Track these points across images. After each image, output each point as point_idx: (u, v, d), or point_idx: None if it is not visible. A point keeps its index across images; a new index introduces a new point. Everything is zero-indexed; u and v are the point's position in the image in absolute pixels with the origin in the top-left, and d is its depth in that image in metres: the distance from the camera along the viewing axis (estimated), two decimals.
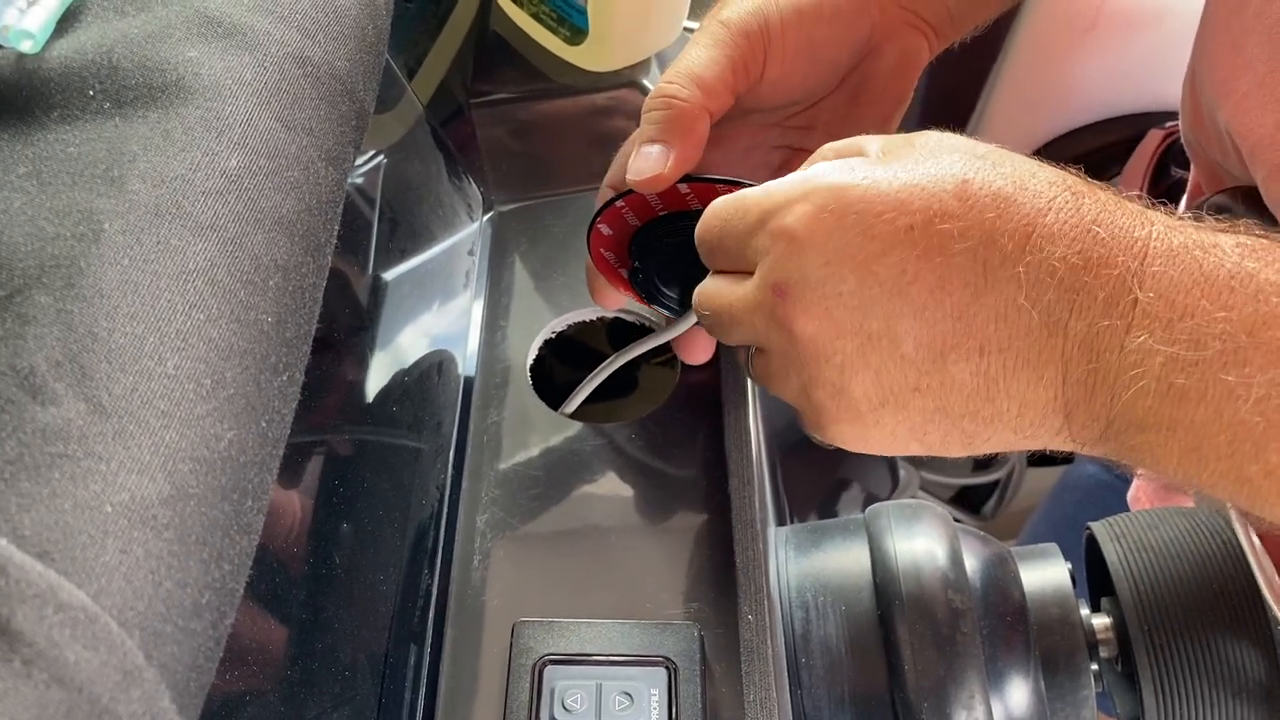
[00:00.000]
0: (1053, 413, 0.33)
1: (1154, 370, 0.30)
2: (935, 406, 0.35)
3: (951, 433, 0.35)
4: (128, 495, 0.23)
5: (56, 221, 0.27)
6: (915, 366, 0.34)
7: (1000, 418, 0.34)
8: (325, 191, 0.33)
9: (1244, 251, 0.31)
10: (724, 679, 0.43)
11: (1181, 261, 0.31)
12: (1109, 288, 0.31)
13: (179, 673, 0.23)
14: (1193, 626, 0.46)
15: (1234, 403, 0.29)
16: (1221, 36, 0.42)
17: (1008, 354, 0.33)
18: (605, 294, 0.51)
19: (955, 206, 0.33)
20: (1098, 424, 0.33)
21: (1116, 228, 0.32)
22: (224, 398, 0.26)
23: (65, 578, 0.21)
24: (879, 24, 0.46)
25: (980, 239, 0.32)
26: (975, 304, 0.32)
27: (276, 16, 0.33)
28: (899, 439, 0.36)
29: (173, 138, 0.29)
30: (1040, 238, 0.32)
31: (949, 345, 0.33)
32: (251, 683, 0.34)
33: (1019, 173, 0.33)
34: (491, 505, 0.49)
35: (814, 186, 0.35)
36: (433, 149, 0.59)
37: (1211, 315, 0.30)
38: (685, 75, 0.43)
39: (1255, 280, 0.30)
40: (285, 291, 0.30)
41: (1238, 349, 0.29)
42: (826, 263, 0.34)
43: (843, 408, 0.36)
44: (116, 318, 0.25)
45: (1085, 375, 0.32)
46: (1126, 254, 0.31)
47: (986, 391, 0.34)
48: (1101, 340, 0.31)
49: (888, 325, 0.34)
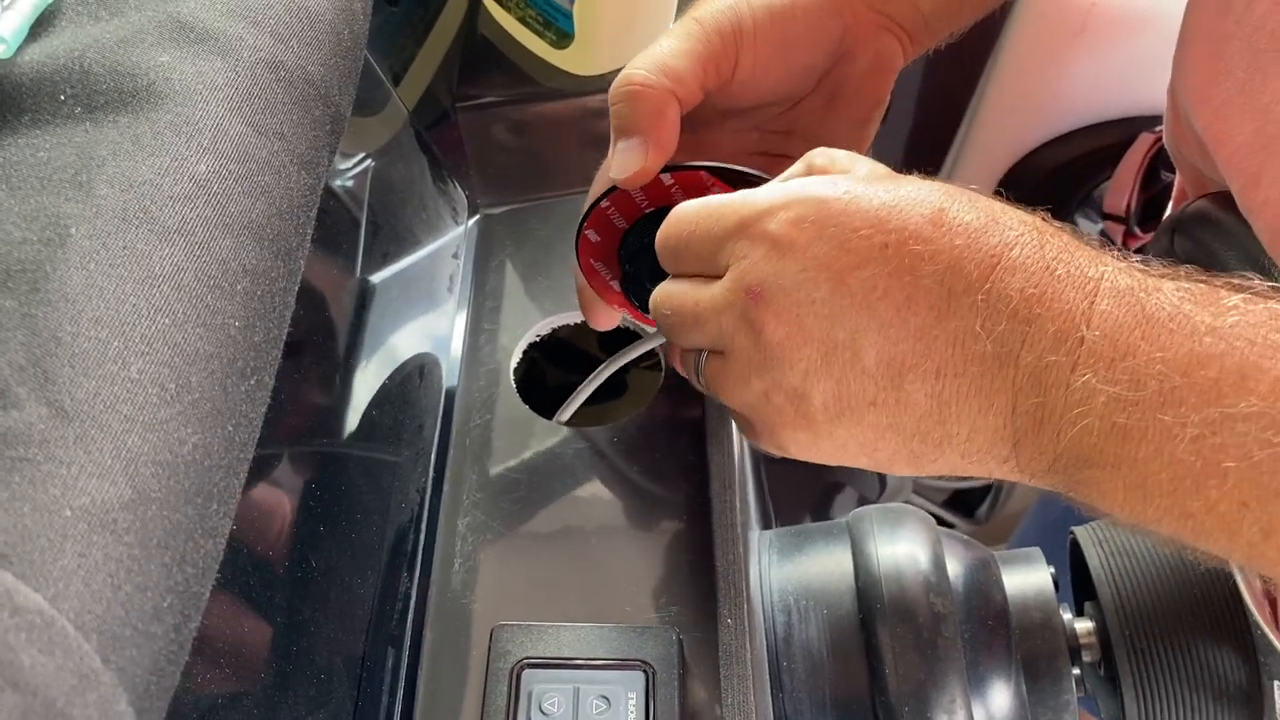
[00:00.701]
0: (1000, 441, 0.34)
1: (1097, 409, 0.31)
2: (889, 423, 0.35)
3: (900, 451, 0.36)
4: (88, 499, 0.23)
5: (24, 226, 0.27)
6: (874, 380, 0.35)
7: (949, 441, 0.35)
8: (298, 196, 0.33)
9: (1183, 295, 0.32)
10: (703, 683, 0.43)
11: (1127, 302, 0.32)
12: (1059, 322, 0.32)
13: (138, 676, 0.23)
14: (1174, 631, 0.46)
15: (1172, 441, 0.30)
16: (1201, 44, 0.42)
17: (962, 379, 0.34)
18: (597, 311, 0.51)
19: (929, 231, 0.34)
20: (1045, 457, 0.33)
21: (1073, 266, 0.33)
22: (188, 402, 0.26)
23: (22, 581, 0.21)
24: (851, 26, 0.46)
25: (948, 265, 0.33)
26: (937, 326, 0.34)
27: (249, 21, 0.33)
28: (848, 451, 0.37)
29: (142, 143, 0.29)
30: (1003, 269, 0.33)
31: (908, 364, 0.34)
32: (227, 685, 0.34)
33: (991, 210, 0.35)
34: (473, 509, 0.49)
35: (798, 196, 0.36)
36: (417, 152, 0.59)
37: (1150, 355, 0.31)
38: (650, 62, 0.43)
39: (1191, 322, 0.31)
40: (254, 296, 0.30)
41: (1173, 389, 0.30)
42: (803, 269, 0.35)
43: (800, 414, 0.37)
44: (81, 322, 0.25)
45: (1033, 408, 0.33)
46: (1078, 292, 0.32)
47: (939, 414, 0.35)
48: (1049, 375, 0.32)
49: (853, 337, 0.35)
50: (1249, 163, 0.40)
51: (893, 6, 0.46)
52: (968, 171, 1.01)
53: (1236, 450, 0.29)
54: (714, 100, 0.46)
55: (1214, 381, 0.30)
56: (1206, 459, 0.30)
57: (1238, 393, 0.29)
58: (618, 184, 0.44)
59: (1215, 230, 0.44)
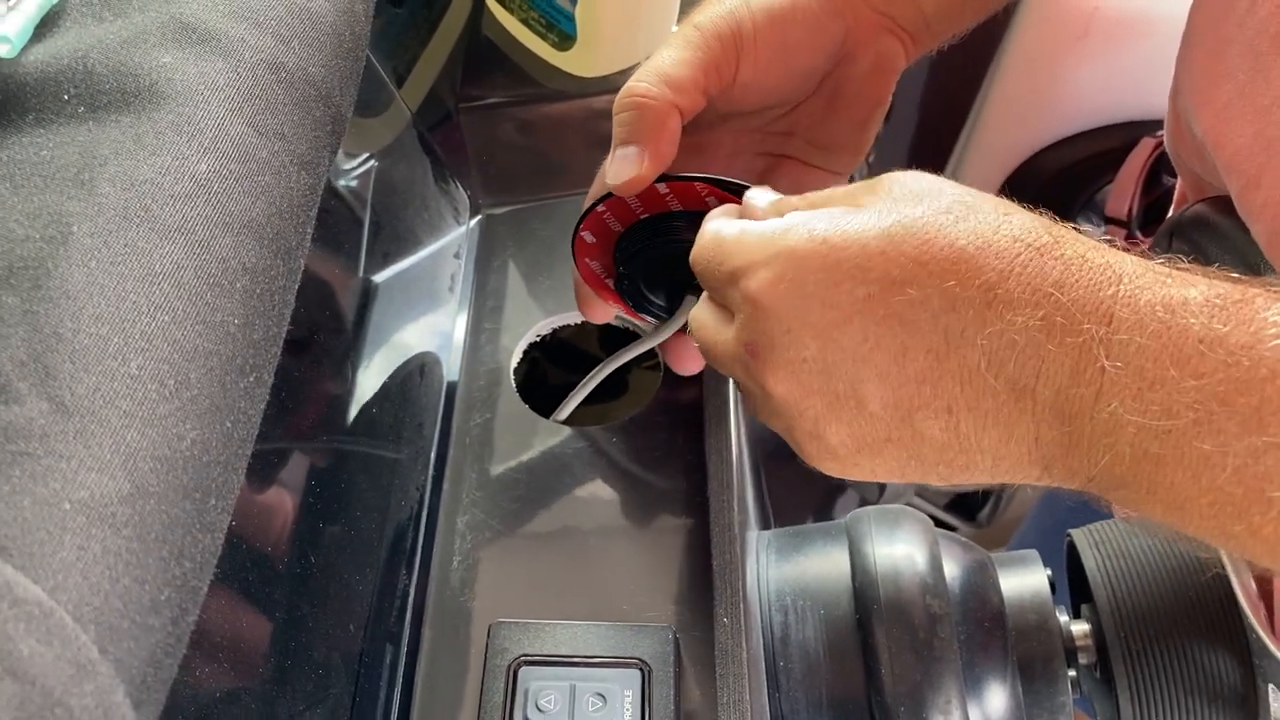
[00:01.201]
0: (1029, 464, 0.33)
1: (1127, 437, 0.30)
2: (909, 455, 0.35)
3: (929, 474, 0.36)
4: (87, 493, 0.23)
5: (26, 224, 0.27)
6: (884, 423, 0.34)
7: (974, 466, 0.34)
8: (298, 196, 0.33)
9: (1213, 311, 0.29)
10: (699, 681, 0.43)
11: (1149, 327, 0.30)
12: (1074, 355, 0.30)
13: (135, 668, 0.23)
14: (1169, 633, 0.46)
15: (1211, 470, 0.29)
16: (1203, 46, 0.42)
17: (976, 413, 0.32)
18: (592, 306, 0.52)
19: (915, 273, 0.32)
20: (1078, 478, 0.32)
21: (1081, 289, 0.31)
22: (187, 398, 0.27)
23: (21, 573, 0.22)
24: (853, 28, 0.46)
25: (940, 307, 0.32)
26: (939, 368, 0.32)
27: (251, 23, 0.34)
28: (879, 475, 0.37)
29: (144, 142, 0.30)
30: (1001, 304, 0.31)
31: (915, 406, 0.33)
32: (226, 680, 0.35)
33: (983, 227, 0.32)
34: (472, 507, 0.49)
35: (776, 252, 0.35)
36: (420, 153, 0.60)
37: (1181, 384, 0.29)
38: (653, 74, 0.43)
39: (1225, 344, 0.29)
40: (253, 294, 0.30)
41: (1211, 417, 0.28)
42: (788, 330, 0.34)
43: (822, 451, 0.36)
44: (82, 319, 0.26)
45: (1059, 437, 0.32)
46: (1091, 319, 0.30)
47: (959, 445, 0.34)
48: (1071, 406, 0.31)
49: (853, 388, 0.34)
50: (1249, 165, 0.40)
51: (894, 7, 0.46)
52: (971, 174, 1.01)
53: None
54: (715, 103, 0.46)
55: (1255, 409, 0.28)
56: (1249, 487, 0.28)
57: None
58: (612, 191, 0.44)
59: (1212, 234, 0.44)
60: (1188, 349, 0.29)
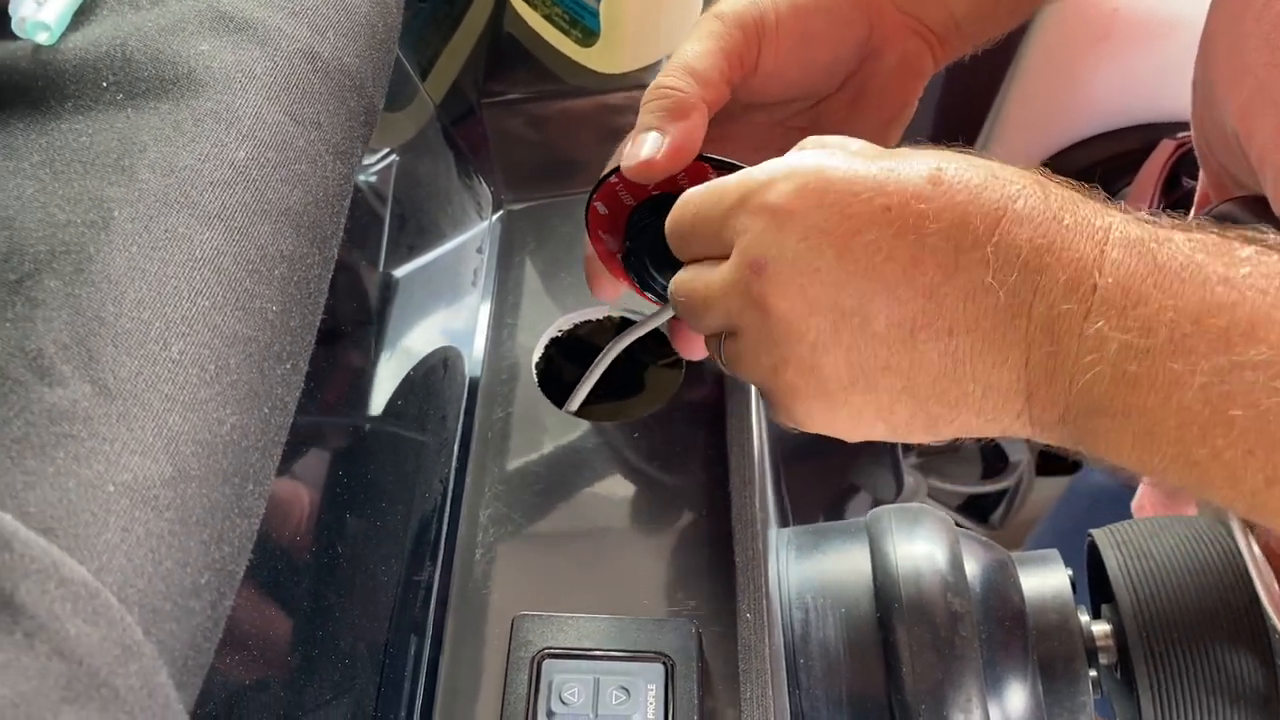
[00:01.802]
0: (1015, 395, 0.34)
1: (1109, 356, 0.31)
2: (903, 386, 0.36)
3: (917, 414, 0.36)
4: (130, 476, 0.24)
5: (68, 209, 0.27)
6: (886, 344, 0.35)
7: (965, 400, 0.35)
8: (332, 185, 0.33)
9: (1195, 245, 0.32)
10: (721, 677, 0.43)
11: (1138, 251, 0.32)
12: (1070, 270, 0.32)
13: (177, 650, 0.23)
14: (1191, 634, 0.46)
15: (1180, 389, 0.30)
16: (1222, 42, 0.43)
17: (975, 335, 0.34)
18: (602, 282, 0.52)
19: (930, 190, 0.34)
20: (1056, 408, 0.34)
21: (1079, 217, 0.33)
22: (227, 383, 0.27)
23: (68, 554, 0.22)
24: (877, 25, 0.46)
25: (953, 221, 0.33)
26: (946, 284, 0.34)
27: (288, 12, 0.34)
28: (864, 419, 0.37)
29: (183, 129, 0.30)
30: (1010, 221, 0.33)
31: (919, 324, 0.34)
32: (253, 669, 0.35)
33: (990, 167, 0.35)
34: (494, 500, 0.49)
35: (797, 167, 0.36)
36: (444, 147, 0.60)
37: (1161, 304, 0.31)
38: (680, 69, 0.44)
39: (1203, 271, 0.31)
40: (290, 282, 0.30)
41: (1184, 336, 0.30)
42: (805, 238, 0.35)
43: (812, 386, 0.37)
44: (124, 303, 0.26)
45: (1045, 358, 0.33)
46: (1088, 241, 0.33)
47: (954, 372, 0.35)
48: (1061, 324, 0.32)
49: (861, 302, 0.35)
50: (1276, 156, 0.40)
51: (922, 9, 0.46)
52: None
53: (1244, 398, 0.30)
54: (737, 93, 0.46)
55: (1224, 330, 0.30)
56: (1214, 407, 0.30)
57: (1247, 341, 0.30)
58: (625, 174, 0.44)
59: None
60: (1170, 273, 0.31)
